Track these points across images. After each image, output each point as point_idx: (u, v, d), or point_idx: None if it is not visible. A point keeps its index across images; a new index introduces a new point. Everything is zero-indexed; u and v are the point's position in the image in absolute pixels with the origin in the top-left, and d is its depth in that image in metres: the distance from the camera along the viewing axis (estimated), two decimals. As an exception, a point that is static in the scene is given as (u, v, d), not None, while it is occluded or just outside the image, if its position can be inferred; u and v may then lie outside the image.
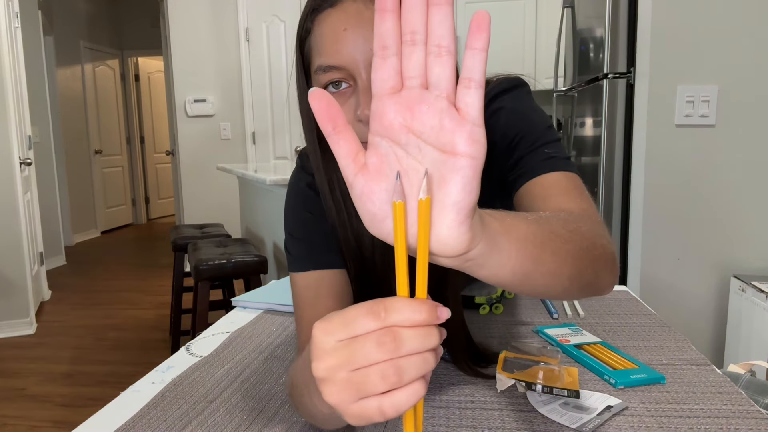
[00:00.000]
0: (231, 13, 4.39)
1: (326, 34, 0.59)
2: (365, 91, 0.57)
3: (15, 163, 3.17)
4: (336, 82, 0.59)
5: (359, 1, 0.58)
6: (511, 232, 0.43)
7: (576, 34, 2.53)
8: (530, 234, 0.45)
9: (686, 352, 0.80)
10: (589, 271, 0.54)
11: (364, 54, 0.57)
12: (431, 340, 0.34)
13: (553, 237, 0.49)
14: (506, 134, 0.69)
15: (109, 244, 5.87)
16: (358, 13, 0.58)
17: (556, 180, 0.66)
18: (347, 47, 0.57)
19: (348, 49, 0.57)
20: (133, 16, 6.84)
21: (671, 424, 0.60)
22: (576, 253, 0.51)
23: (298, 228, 0.75)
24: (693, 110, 1.81)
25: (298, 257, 0.73)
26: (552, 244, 0.48)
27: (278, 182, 2.25)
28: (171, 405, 0.66)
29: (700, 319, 1.91)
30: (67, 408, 2.28)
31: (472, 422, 0.62)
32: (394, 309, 0.34)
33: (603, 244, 0.57)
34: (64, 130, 5.69)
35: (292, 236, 0.75)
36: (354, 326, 0.34)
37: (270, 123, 4.49)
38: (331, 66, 0.58)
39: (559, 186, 0.65)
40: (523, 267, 0.44)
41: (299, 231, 0.75)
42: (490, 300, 1.01)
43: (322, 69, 0.59)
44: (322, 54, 0.59)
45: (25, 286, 3.23)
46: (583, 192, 0.66)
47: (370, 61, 0.55)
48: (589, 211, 0.62)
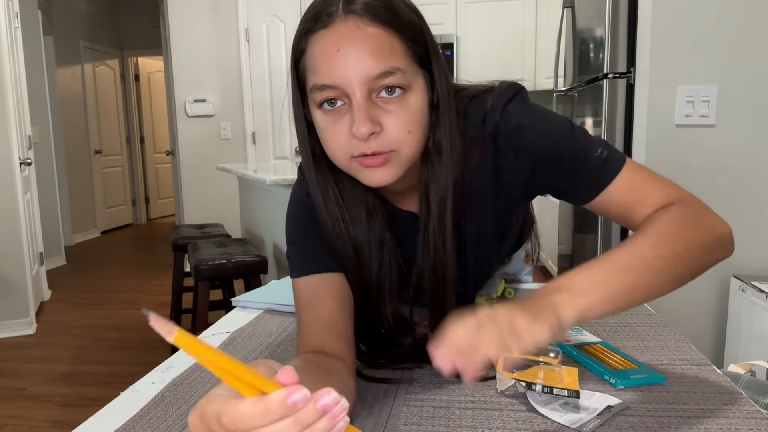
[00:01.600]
0: (231, 13, 4.39)
1: (320, 55, 0.60)
2: (359, 108, 0.59)
3: (15, 163, 3.17)
4: (331, 101, 0.61)
5: (350, 21, 0.59)
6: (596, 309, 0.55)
7: (576, 34, 2.53)
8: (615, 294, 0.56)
9: (686, 352, 0.80)
10: (692, 272, 0.62)
11: (357, 74, 0.58)
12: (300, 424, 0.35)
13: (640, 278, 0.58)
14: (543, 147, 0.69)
15: (109, 244, 5.87)
16: (350, 33, 0.59)
17: (630, 180, 0.68)
18: (341, 67, 0.58)
19: (341, 69, 0.58)
20: (133, 16, 6.84)
21: (671, 424, 0.60)
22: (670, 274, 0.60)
23: (298, 234, 0.76)
24: (693, 110, 1.81)
25: (299, 262, 0.74)
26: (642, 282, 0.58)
27: (278, 182, 2.25)
28: (171, 405, 0.66)
29: (700, 319, 1.91)
30: (67, 408, 2.28)
31: (472, 422, 0.62)
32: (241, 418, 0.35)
33: (701, 236, 0.62)
34: (64, 130, 5.69)
35: (293, 243, 0.76)
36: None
37: (270, 123, 4.49)
38: (325, 85, 0.60)
39: (636, 185, 0.68)
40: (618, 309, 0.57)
41: (300, 237, 0.76)
42: (491, 300, 1.01)
43: (317, 88, 0.60)
44: (316, 73, 0.60)
45: (25, 286, 3.23)
46: (656, 175, 0.69)
47: (363, 80, 0.58)
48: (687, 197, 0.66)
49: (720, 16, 1.77)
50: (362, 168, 0.63)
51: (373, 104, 0.60)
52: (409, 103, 0.61)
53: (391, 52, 0.59)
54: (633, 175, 0.68)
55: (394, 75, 0.59)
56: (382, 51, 0.59)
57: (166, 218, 7.50)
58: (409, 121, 0.61)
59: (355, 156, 0.62)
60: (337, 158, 0.64)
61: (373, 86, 0.59)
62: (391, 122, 0.60)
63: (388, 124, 0.60)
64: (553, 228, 3.37)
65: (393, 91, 0.60)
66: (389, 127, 0.60)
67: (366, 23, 0.59)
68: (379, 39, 0.59)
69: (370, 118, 0.59)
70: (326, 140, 0.64)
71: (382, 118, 0.60)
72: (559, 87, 2.69)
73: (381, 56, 0.58)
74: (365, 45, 0.58)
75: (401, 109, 0.61)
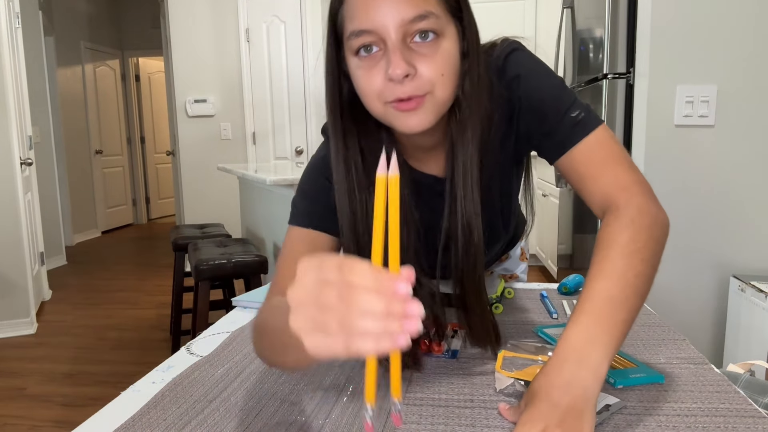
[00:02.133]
0: (231, 13, 4.39)
1: (358, 3, 0.63)
2: (395, 51, 0.61)
3: (16, 163, 3.18)
4: (367, 47, 0.63)
5: None
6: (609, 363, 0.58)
7: (576, 34, 2.53)
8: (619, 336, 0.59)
9: (685, 351, 0.80)
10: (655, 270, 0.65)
11: (393, 17, 0.61)
12: (387, 307, 0.36)
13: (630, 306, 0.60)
14: (530, 99, 0.73)
15: (109, 244, 5.87)
16: None
17: (590, 151, 0.71)
18: (377, 12, 0.61)
19: (378, 14, 0.61)
20: (134, 17, 6.85)
21: (669, 423, 0.60)
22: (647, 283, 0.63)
23: (311, 188, 0.79)
24: (692, 110, 1.82)
25: (303, 212, 0.77)
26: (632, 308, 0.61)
27: (278, 182, 2.25)
28: (171, 404, 0.67)
29: (700, 318, 1.91)
30: (68, 408, 2.28)
31: (471, 421, 0.62)
32: (356, 271, 0.37)
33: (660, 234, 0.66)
34: (65, 131, 5.69)
35: (303, 193, 0.79)
36: (324, 273, 0.38)
37: (270, 123, 4.49)
38: (363, 30, 0.62)
39: (595, 160, 0.71)
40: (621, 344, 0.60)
41: (311, 191, 0.78)
42: (490, 300, 1.01)
43: (355, 34, 0.63)
44: (354, 20, 0.63)
45: (26, 286, 3.23)
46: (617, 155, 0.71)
47: (398, 23, 0.61)
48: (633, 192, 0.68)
49: (719, 16, 1.77)
50: (398, 113, 0.65)
51: (408, 48, 0.63)
52: (442, 47, 0.64)
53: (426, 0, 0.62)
54: (595, 145, 0.71)
55: (428, 19, 0.62)
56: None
57: (166, 218, 7.50)
58: (442, 64, 0.64)
59: (390, 101, 0.64)
60: (372, 105, 0.66)
61: (407, 30, 0.62)
62: (425, 65, 0.63)
63: (422, 66, 0.63)
64: (553, 228, 3.37)
65: (426, 36, 0.63)
66: (423, 70, 0.63)
67: None
68: None
69: (405, 60, 0.61)
70: (362, 87, 0.65)
71: (417, 61, 0.63)
72: (559, 87, 2.69)
73: (415, 1, 0.61)
74: None
75: (435, 53, 0.63)
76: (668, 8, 1.79)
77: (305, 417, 0.63)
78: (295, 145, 4.50)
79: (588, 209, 0.75)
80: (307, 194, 0.79)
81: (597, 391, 0.56)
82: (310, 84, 4.40)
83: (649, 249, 0.64)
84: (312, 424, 0.61)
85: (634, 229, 0.64)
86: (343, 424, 0.61)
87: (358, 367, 0.76)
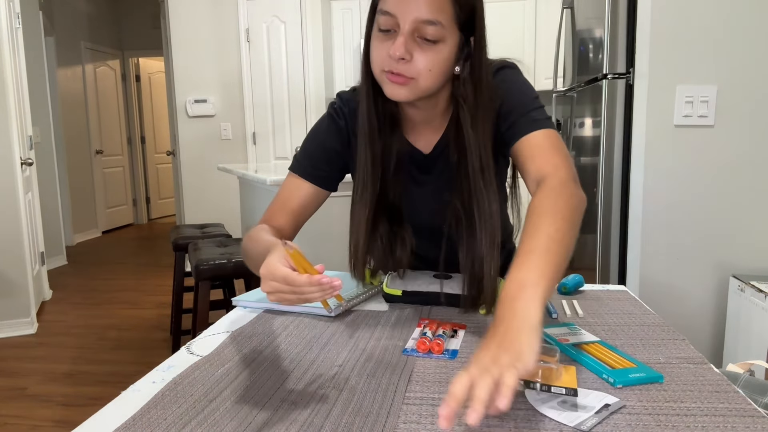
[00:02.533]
0: (231, 13, 4.39)
1: None
2: (401, 37, 0.82)
3: (16, 163, 3.18)
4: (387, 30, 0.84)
5: None
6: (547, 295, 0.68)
7: (575, 34, 2.53)
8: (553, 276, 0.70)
9: (684, 350, 0.80)
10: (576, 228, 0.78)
11: (411, 12, 0.81)
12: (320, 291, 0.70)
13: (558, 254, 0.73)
14: (505, 101, 0.92)
15: (110, 244, 5.87)
16: None
17: (538, 140, 0.88)
18: (402, 4, 0.81)
19: (402, 5, 0.81)
20: (134, 17, 6.85)
21: (669, 422, 0.60)
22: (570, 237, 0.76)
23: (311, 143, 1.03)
24: (692, 110, 1.82)
25: (301, 164, 1.02)
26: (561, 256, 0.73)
27: (278, 182, 2.25)
28: (171, 404, 0.67)
29: (699, 318, 1.91)
30: (68, 407, 2.28)
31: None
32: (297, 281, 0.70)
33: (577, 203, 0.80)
34: (65, 131, 5.70)
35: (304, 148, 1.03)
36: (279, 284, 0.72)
37: (270, 123, 4.49)
38: (388, 12, 0.83)
39: (540, 146, 0.88)
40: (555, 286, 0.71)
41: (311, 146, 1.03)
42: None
43: (382, 12, 0.84)
44: (387, 3, 0.83)
45: (26, 285, 3.24)
46: (558, 148, 0.88)
47: (413, 19, 0.81)
48: (560, 170, 0.84)
49: (719, 16, 1.77)
50: (387, 81, 0.86)
51: (413, 40, 0.83)
52: (438, 49, 0.83)
53: (440, 9, 0.81)
54: (543, 137, 0.89)
55: (435, 26, 0.81)
56: (434, 6, 0.81)
57: (166, 218, 7.51)
58: (432, 61, 0.84)
59: (385, 70, 0.85)
60: (374, 66, 0.88)
61: (417, 27, 0.82)
62: (419, 57, 0.83)
63: (417, 57, 0.83)
64: (553, 228, 3.37)
65: (429, 41, 0.83)
66: (416, 59, 0.83)
67: None
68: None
69: (406, 48, 0.82)
70: (372, 51, 0.87)
71: (415, 51, 0.83)
72: (558, 87, 2.69)
73: (432, 9, 0.81)
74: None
75: (431, 51, 0.83)
76: (668, 8, 1.79)
77: (305, 417, 0.63)
78: (295, 145, 4.50)
79: (587, 209, 0.76)
80: (307, 149, 1.02)
81: (538, 315, 0.63)
82: (310, 84, 4.40)
83: (568, 210, 0.77)
84: (312, 425, 0.61)
85: (555, 196, 0.79)
86: (343, 423, 0.61)
87: (358, 366, 0.76)
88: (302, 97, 4.44)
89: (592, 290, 1.14)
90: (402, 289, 1.06)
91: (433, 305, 1.04)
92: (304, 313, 1.02)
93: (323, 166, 1.01)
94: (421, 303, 1.05)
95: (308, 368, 0.77)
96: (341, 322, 0.96)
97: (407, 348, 0.83)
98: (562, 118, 2.87)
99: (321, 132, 1.02)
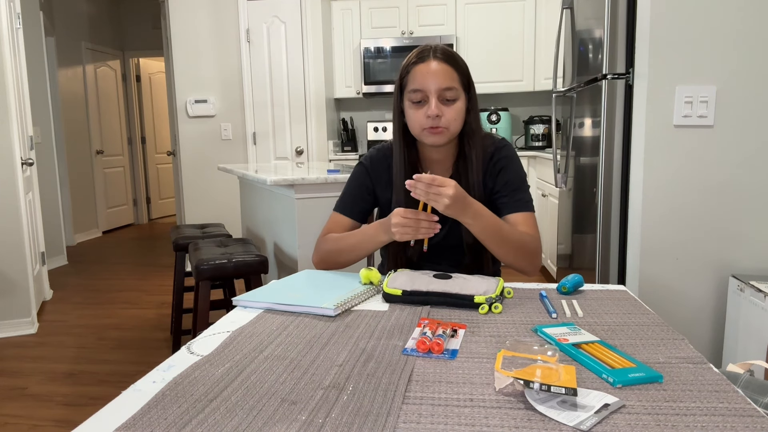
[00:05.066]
0: (232, 14, 4.39)
1: (418, 74, 1.23)
2: (434, 101, 1.22)
3: (17, 163, 3.18)
4: (418, 102, 1.24)
5: (433, 61, 1.23)
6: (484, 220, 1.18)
7: (575, 35, 2.53)
8: (493, 223, 1.19)
9: (684, 350, 0.80)
10: (514, 255, 1.23)
11: (435, 85, 1.22)
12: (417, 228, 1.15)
13: (503, 231, 1.21)
14: (503, 177, 1.32)
15: (110, 244, 5.88)
16: (436, 66, 1.23)
17: (523, 218, 1.29)
18: (427, 81, 1.22)
19: (427, 82, 1.22)
20: (135, 17, 6.86)
21: (668, 422, 0.60)
22: (511, 243, 1.22)
23: (348, 186, 1.41)
24: (691, 111, 1.82)
25: (340, 202, 1.41)
26: (501, 233, 1.20)
27: (279, 182, 2.25)
28: (171, 404, 0.67)
29: (699, 318, 1.91)
30: (69, 407, 2.29)
31: (471, 420, 0.62)
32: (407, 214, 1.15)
33: (529, 249, 1.25)
34: (66, 131, 5.70)
35: (343, 193, 1.41)
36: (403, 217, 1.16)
37: (270, 123, 4.50)
38: (418, 90, 1.23)
39: (524, 222, 1.29)
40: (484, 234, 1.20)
41: (348, 188, 1.41)
42: (490, 299, 1.01)
43: (413, 90, 1.24)
44: (415, 83, 1.24)
45: (27, 285, 3.24)
46: (534, 225, 1.30)
47: (437, 89, 1.22)
48: (532, 234, 1.28)
49: (718, 16, 1.78)
50: (428, 135, 1.25)
51: (441, 102, 1.23)
52: (457, 105, 1.25)
53: (452, 78, 1.23)
54: (530, 218, 1.30)
55: (452, 90, 1.23)
56: (448, 76, 1.22)
57: (167, 218, 7.51)
58: (456, 113, 1.25)
59: (425, 128, 1.24)
60: (414, 128, 1.27)
61: (441, 93, 1.22)
62: (447, 113, 1.24)
63: (446, 113, 1.23)
64: (553, 228, 3.37)
65: (450, 100, 1.23)
66: (446, 115, 1.23)
67: (442, 62, 1.23)
68: (448, 71, 1.23)
69: (438, 108, 1.22)
70: (411, 118, 1.26)
71: (443, 111, 1.23)
72: (558, 88, 2.70)
73: (447, 79, 1.22)
74: (440, 72, 1.22)
75: (453, 109, 1.24)
76: (667, 9, 1.80)
77: (305, 417, 0.63)
78: (295, 145, 4.50)
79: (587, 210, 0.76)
80: (345, 191, 1.41)
81: (468, 213, 1.15)
82: (310, 84, 4.40)
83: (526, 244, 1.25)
84: (312, 424, 0.62)
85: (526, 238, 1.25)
86: (343, 423, 0.61)
87: (358, 366, 0.77)
88: (302, 97, 4.44)
89: (592, 290, 1.14)
90: (402, 289, 1.07)
91: (433, 305, 1.05)
92: (304, 313, 1.02)
93: (359, 202, 1.40)
94: (421, 303, 1.05)
95: (308, 368, 0.77)
96: (341, 322, 0.97)
97: (407, 348, 0.83)
98: (561, 118, 2.87)
99: (354, 177, 1.41)
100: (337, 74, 4.72)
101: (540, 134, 4.57)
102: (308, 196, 2.28)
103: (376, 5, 4.59)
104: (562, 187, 2.79)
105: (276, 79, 4.43)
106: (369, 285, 1.15)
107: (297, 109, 4.47)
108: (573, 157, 2.54)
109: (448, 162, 1.34)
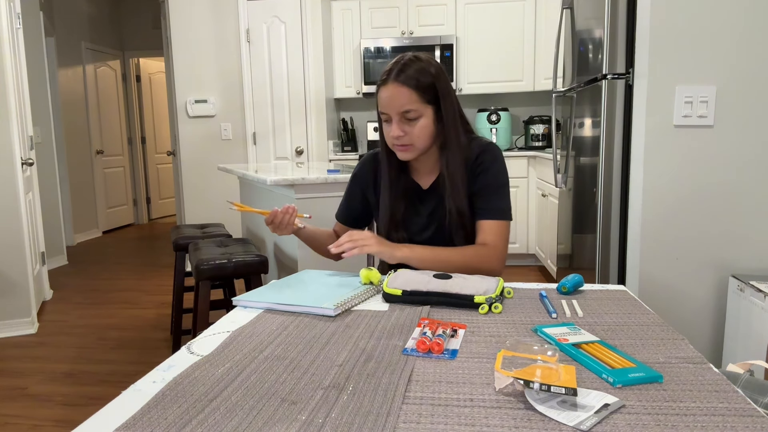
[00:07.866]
0: (232, 14, 4.39)
1: (381, 97, 1.30)
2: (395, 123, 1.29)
3: (17, 163, 3.18)
4: (387, 120, 1.31)
5: (392, 84, 1.27)
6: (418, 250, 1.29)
7: (575, 35, 2.53)
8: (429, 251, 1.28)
9: (684, 350, 0.80)
10: (465, 271, 1.25)
11: (394, 108, 1.27)
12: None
13: (441, 256, 1.27)
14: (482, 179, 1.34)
15: (110, 244, 5.88)
16: (393, 89, 1.27)
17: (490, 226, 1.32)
18: (386, 105, 1.29)
19: (388, 106, 1.28)
20: (135, 17, 6.85)
21: (668, 421, 0.60)
22: (454, 264, 1.26)
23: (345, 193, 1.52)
24: (691, 111, 1.82)
25: (339, 208, 1.54)
26: (439, 259, 1.27)
27: (279, 182, 2.25)
28: (171, 403, 0.67)
29: (699, 318, 1.91)
30: (69, 407, 2.29)
31: (471, 420, 0.62)
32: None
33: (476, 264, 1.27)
34: (66, 131, 5.70)
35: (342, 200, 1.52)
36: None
37: (270, 123, 4.49)
38: (383, 112, 1.30)
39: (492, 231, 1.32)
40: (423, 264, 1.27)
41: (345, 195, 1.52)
42: (490, 299, 1.01)
43: (380, 112, 1.32)
44: (379, 105, 1.31)
45: (27, 285, 3.24)
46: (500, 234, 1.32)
47: (397, 111, 1.27)
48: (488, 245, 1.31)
49: (718, 16, 1.78)
50: (397, 150, 1.33)
51: (403, 122, 1.29)
52: (420, 123, 1.29)
53: (410, 100, 1.26)
54: (496, 227, 1.32)
55: (410, 112, 1.27)
56: (405, 99, 1.26)
57: (167, 218, 7.51)
58: (420, 131, 1.29)
59: (394, 144, 1.32)
60: (387, 143, 1.34)
61: (401, 114, 1.28)
62: (411, 131, 1.29)
63: (409, 132, 1.29)
64: (552, 228, 3.37)
65: (411, 119, 1.28)
66: (410, 134, 1.29)
67: (400, 84, 1.26)
68: (404, 93, 1.26)
69: (401, 129, 1.29)
70: (384, 134, 1.34)
71: (406, 128, 1.29)
72: (558, 88, 2.70)
73: (404, 102, 1.26)
74: (396, 96, 1.26)
75: (416, 125, 1.29)
76: (667, 9, 1.80)
77: (305, 417, 0.63)
78: (295, 146, 4.50)
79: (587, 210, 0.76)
80: (344, 198, 1.52)
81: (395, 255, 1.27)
82: (310, 84, 4.40)
83: (470, 262, 1.27)
84: (312, 424, 0.62)
85: (475, 252, 1.30)
86: (343, 423, 0.61)
87: (358, 366, 0.77)
88: (302, 97, 4.44)
89: (592, 290, 1.14)
90: (402, 289, 1.07)
91: (433, 305, 1.05)
92: (304, 313, 1.02)
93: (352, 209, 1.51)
94: (421, 303, 1.05)
95: (308, 368, 0.77)
96: (341, 322, 0.97)
97: (407, 348, 0.83)
98: (561, 118, 2.87)
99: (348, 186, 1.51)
100: (337, 74, 4.72)
101: (540, 134, 4.57)
102: (308, 196, 2.28)
103: (376, 5, 4.59)
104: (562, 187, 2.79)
105: (276, 79, 4.43)
106: (369, 285, 1.15)
107: (297, 109, 4.47)
108: (573, 157, 2.54)
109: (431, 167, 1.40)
